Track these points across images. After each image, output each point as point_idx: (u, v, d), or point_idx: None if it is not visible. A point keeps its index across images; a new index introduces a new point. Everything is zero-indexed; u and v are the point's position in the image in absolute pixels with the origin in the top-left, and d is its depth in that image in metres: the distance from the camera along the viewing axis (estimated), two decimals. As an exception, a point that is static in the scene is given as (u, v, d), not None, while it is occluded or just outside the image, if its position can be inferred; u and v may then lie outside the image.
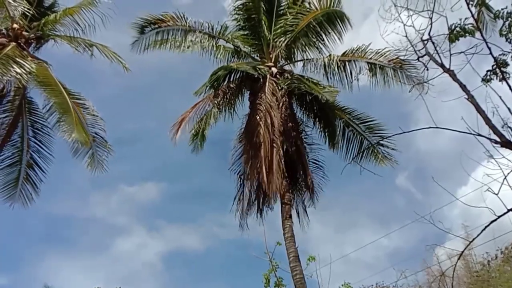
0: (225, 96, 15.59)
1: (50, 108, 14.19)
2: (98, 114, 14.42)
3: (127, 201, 39.70)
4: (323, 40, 15.37)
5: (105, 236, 39.65)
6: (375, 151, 15.42)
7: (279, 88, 14.66)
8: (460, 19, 7.50)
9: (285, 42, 15.35)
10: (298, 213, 15.17)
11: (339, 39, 15.21)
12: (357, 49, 15.20)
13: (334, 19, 14.94)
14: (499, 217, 7.05)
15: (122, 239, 39.45)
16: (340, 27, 15.03)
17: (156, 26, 15.49)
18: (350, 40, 15.48)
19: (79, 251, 35.81)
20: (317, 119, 15.85)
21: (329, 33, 15.17)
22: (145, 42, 15.53)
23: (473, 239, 8.65)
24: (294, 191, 14.99)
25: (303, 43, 15.43)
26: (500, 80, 7.47)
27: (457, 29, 7.49)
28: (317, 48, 15.54)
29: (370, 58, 14.98)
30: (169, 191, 40.37)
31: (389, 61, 14.72)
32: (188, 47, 15.46)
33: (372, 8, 16.82)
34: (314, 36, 15.29)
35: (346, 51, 15.35)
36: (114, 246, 38.50)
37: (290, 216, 13.93)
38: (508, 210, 6.95)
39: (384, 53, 14.74)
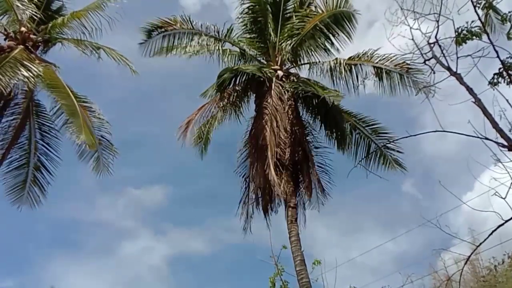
0: (231, 99, 15.62)
1: (58, 111, 14.28)
2: (104, 117, 14.45)
3: (134, 204, 39.76)
4: (331, 41, 15.41)
5: (111, 239, 39.81)
6: (383, 155, 15.41)
7: (285, 91, 14.66)
8: (467, 22, 7.47)
9: (291, 45, 15.36)
10: (303, 217, 15.13)
11: (348, 38, 15.30)
12: (363, 54, 15.19)
13: (341, 20, 15.00)
14: (506, 221, 6.99)
15: (128, 242, 39.52)
16: (349, 27, 15.11)
17: (163, 29, 15.52)
18: (355, 48, 15.53)
19: (85, 255, 35.98)
20: (324, 122, 15.83)
21: (337, 33, 15.23)
22: (152, 46, 15.57)
23: (480, 244, 8.57)
24: (299, 194, 14.95)
25: (310, 45, 15.45)
26: (507, 84, 7.43)
27: (464, 32, 7.46)
28: (325, 50, 15.57)
29: (377, 63, 14.95)
30: (175, 195, 40.45)
31: (396, 65, 14.68)
32: (194, 51, 15.50)
33: (376, 15, 16.93)
34: (321, 38, 15.31)
35: (352, 56, 15.35)
36: (120, 250, 38.58)
37: (296, 220, 13.90)
38: (516, 215, 6.90)
39: (391, 58, 14.70)
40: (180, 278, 37.27)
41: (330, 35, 15.29)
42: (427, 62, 8.02)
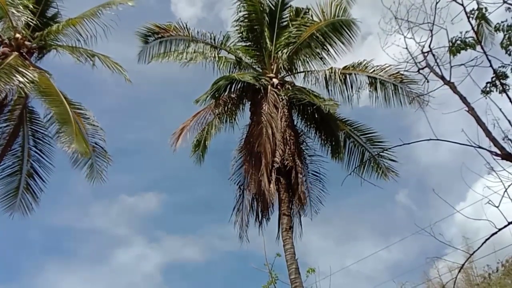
0: (226, 106, 15.62)
1: (51, 118, 14.23)
2: (98, 124, 14.44)
3: (127, 212, 39.57)
4: (327, 50, 15.48)
5: (105, 247, 39.53)
6: (377, 163, 15.44)
7: (280, 99, 14.70)
8: (461, 32, 7.54)
9: (287, 53, 15.42)
10: (298, 225, 15.10)
11: (348, 46, 15.36)
12: (358, 64, 15.28)
13: (340, 28, 15.08)
14: (499, 229, 7.01)
15: (121, 250, 39.26)
16: (349, 34, 15.18)
17: (159, 36, 15.55)
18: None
19: (78, 262, 35.70)
20: (318, 130, 15.87)
21: (335, 42, 15.31)
22: (148, 52, 15.60)
23: (474, 252, 8.60)
24: (293, 202, 14.92)
25: (306, 54, 15.54)
26: (500, 92, 7.48)
27: (458, 42, 7.53)
28: (321, 59, 15.66)
29: (371, 73, 15.05)
30: (169, 202, 40.29)
31: (390, 76, 14.78)
32: (190, 58, 15.54)
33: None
34: (317, 47, 15.39)
35: (347, 65, 15.43)
36: (114, 257, 38.30)
37: (290, 228, 13.87)
38: (509, 223, 6.92)
39: (385, 68, 14.83)
40: (174, 286, 37.15)
41: (327, 44, 15.38)
42: (421, 71, 8.07)
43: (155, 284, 36.71)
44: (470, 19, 7.39)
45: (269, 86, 14.81)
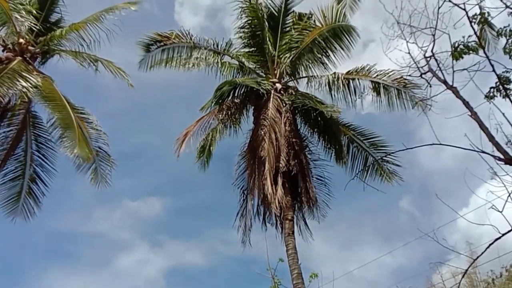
0: (230, 111, 15.63)
1: (54, 123, 14.25)
2: (101, 128, 14.45)
3: (131, 216, 39.51)
4: (329, 55, 15.46)
5: (108, 251, 39.41)
6: (380, 167, 15.40)
7: (284, 104, 14.69)
8: (464, 37, 7.52)
9: (290, 58, 15.43)
10: (300, 230, 15.08)
11: (347, 52, 15.33)
12: (361, 68, 15.29)
13: (340, 34, 15.03)
14: (503, 234, 6.97)
15: (124, 254, 39.19)
16: (348, 40, 15.14)
17: (162, 43, 15.57)
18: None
19: (81, 267, 35.61)
20: (322, 135, 15.84)
21: (335, 48, 15.27)
22: (151, 60, 15.62)
23: (478, 257, 8.53)
24: (297, 207, 14.91)
25: (308, 59, 15.51)
26: (503, 97, 7.45)
27: (461, 46, 7.50)
28: (323, 64, 15.62)
29: (374, 77, 15.04)
30: (172, 206, 40.22)
31: (393, 80, 14.77)
32: (193, 64, 15.56)
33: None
34: (319, 52, 15.37)
35: (350, 70, 15.43)
36: (117, 262, 38.21)
37: (293, 232, 13.86)
38: (513, 228, 6.88)
39: (388, 73, 14.83)
40: (177, 291, 36.93)
41: (328, 50, 15.36)
42: (423, 76, 8.05)
43: (158, 288, 36.64)
44: (473, 23, 7.37)
45: (272, 91, 14.81)
